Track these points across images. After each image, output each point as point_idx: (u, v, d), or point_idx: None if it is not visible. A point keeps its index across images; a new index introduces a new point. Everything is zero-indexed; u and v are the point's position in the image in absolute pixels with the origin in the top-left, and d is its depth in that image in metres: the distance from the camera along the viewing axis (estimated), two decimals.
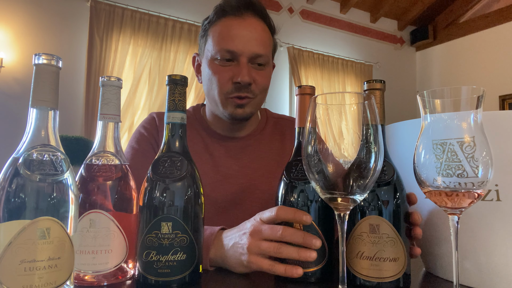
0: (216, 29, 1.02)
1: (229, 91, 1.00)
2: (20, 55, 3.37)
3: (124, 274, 0.63)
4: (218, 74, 1.01)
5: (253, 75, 1.01)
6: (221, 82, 1.00)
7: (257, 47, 1.00)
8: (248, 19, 1.01)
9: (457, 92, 0.52)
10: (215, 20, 1.04)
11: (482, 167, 0.49)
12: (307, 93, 0.68)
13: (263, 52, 1.01)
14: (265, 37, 1.03)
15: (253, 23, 1.02)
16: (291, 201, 0.66)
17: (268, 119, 1.21)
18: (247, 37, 0.99)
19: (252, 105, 1.04)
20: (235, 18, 1.01)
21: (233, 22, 1.01)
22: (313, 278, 0.63)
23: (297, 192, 0.66)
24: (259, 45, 1.00)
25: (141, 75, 3.78)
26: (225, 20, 1.02)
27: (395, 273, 0.58)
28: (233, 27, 1.00)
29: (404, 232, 0.60)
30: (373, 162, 0.49)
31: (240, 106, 1.02)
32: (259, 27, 1.02)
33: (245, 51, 0.99)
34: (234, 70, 0.99)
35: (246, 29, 1.00)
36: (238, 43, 0.98)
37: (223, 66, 1.00)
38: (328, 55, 5.04)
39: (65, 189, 0.51)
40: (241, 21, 1.01)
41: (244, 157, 1.11)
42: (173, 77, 0.64)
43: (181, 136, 0.65)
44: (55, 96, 0.53)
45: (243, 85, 0.99)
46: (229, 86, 1.00)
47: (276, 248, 0.63)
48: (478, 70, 5.29)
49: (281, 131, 1.19)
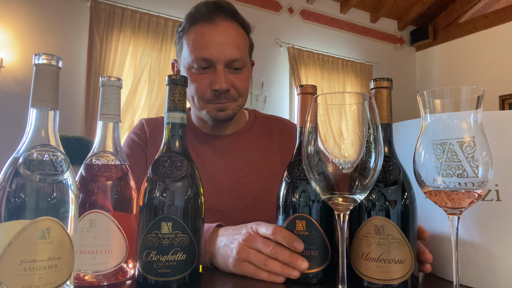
0: (190, 37, 1.02)
1: (209, 98, 1.01)
2: (20, 55, 3.37)
3: (124, 274, 0.63)
4: (197, 82, 1.01)
5: (231, 79, 1.01)
6: (200, 90, 1.01)
7: (232, 52, 0.99)
8: (220, 24, 1.01)
9: (457, 92, 0.52)
10: (188, 27, 1.03)
11: (482, 167, 0.49)
12: (309, 93, 0.68)
13: (238, 56, 1.00)
14: (240, 40, 1.03)
15: (225, 28, 1.01)
16: (292, 201, 0.65)
17: (257, 119, 1.21)
18: (220, 43, 0.99)
19: (233, 107, 1.05)
20: (207, 24, 1.00)
21: (205, 29, 1.00)
22: (315, 279, 0.63)
23: (299, 192, 0.65)
24: (234, 49, 1.00)
25: (141, 75, 3.78)
26: (197, 27, 1.01)
27: (401, 275, 0.57)
28: (206, 35, 0.99)
29: (411, 233, 0.59)
30: (373, 162, 0.49)
31: (222, 109, 1.03)
32: (232, 30, 1.02)
33: (220, 58, 0.98)
34: (211, 77, 1.00)
35: (219, 35, 0.99)
36: (213, 51, 0.98)
37: (201, 74, 1.01)
38: (328, 55, 5.04)
39: (65, 189, 0.51)
40: (213, 27, 1.00)
41: (230, 155, 1.12)
42: (173, 77, 0.64)
43: (181, 136, 0.65)
44: (55, 96, 0.53)
45: (221, 92, 0.99)
46: (208, 93, 1.01)
47: (263, 260, 0.65)
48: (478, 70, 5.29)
49: (269, 130, 1.19)
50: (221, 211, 1.05)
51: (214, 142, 1.13)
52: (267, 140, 1.17)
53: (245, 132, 1.17)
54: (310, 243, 0.63)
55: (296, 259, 0.63)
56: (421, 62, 6.08)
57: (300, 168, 0.66)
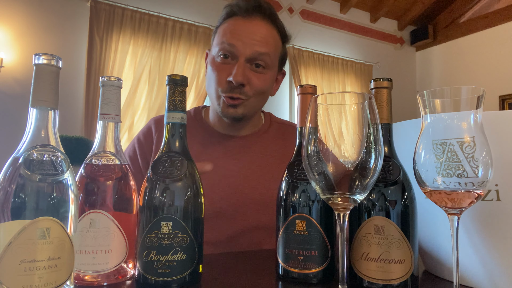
0: (223, 27, 1.04)
1: (223, 89, 1.01)
2: (20, 55, 3.37)
3: (124, 274, 0.63)
4: (216, 71, 1.02)
5: (248, 75, 1.00)
6: (218, 79, 1.01)
7: (258, 47, 0.99)
8: (254, 21, 1.02)
9: (457, 92, 0.52)
10: (224, 19, 1.06)
11: (482, 167, 0.49)
12: (309, 93, 0.68)
13: (264, 50, 1.00)
14: (270, 39, 1.03)
15: (259, 24, 1.02)
16: (292, 201, 0.65)
17: (272, 123, 1.21)
18: (249, 36, 1.00)
19: (245, 106, 1.03)
20: (242, 18, 1.03)
21: (239, 21, 1.02)
22: (315, 279, 0.63)
23: (299, 192, 0.65)
24: (260, 45, 1.00)
25: (141, 75, 3.78)
26: (232, 19, 1.04)
27: (401, 275, 0.57)
28: (238, 26, 1.02)
29: (411, 233, 0.59)
30: (373, 162, 0.49)
31: (232, 106, 1.02)
32: (263, 28, 1.03)
33: (245, 51, 0.99)
34: (231, 69, 1.00)
35: (250, 29, 1.01)
36: (239, 40, 0.99)
37: (222, 64, 1.01)
38: (328, 55, 5.04)
39: (65, 189, 0.51)
40: (247, 22, 1.02)
41: (242, 158, 1.10)
42: (173, 77, 0.64)
43: (181, 136, 0.65)
44: (55, 96, 0.53)
45: (235, 85, 0.99)
46: (224, 85, 1.00)
47: None
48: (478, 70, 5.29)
49: (283, 135, 1.19)
50: (230, 215, 1.03)
51: (228, 143, 1.12)
52: (281, 146, 1.16)
53: (260, 135, 1.16)
54: (310, 243, 0.63)
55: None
56: (421, 62, 6.08)
57: (300, 168, 0.66)
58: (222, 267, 0.74)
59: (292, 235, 0.64)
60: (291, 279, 0.64)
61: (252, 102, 1.04)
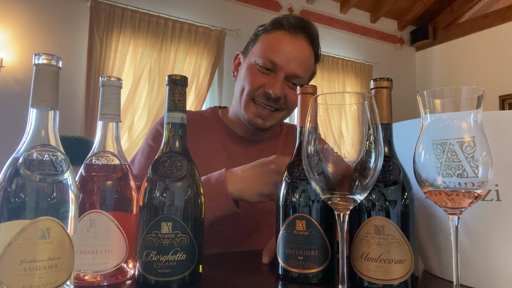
0: (268, 37, 1.06)
1: (257, 96, 1.04)
2: (20, 55, 3.37)
3: (124, 274, 0.63)
4: (254, 77, 1.04)
5: (285, 90, 1.04)
6: (254, 85, 1.04)
7: (297, 68, 1.03)
8: (299, 40, 1.05)
9: (457, 92, 0.52)
10: (270, 29, 1.08)
11: (482, 167, 0.49)
12: (309, 93, 0.68)
13: (302, 74, 1.04)
14: (308, 62, 1.07)
15: (302, 45, 1.05)
16: (293, 201, 0.65)
17: (282, 127, 1.26)
18: (292, 55, 1.03)
19: (274, 119, 1.07)
20: (288, 34, 1.05)
21: (285, 37, 1.04)
22: (315, 279, 0.63)
23: (299, 192, 0.65)
24: (301, 66, 1.04)
25: (141, 75, 3.78)
26: (278, 32, 1.06)
27: (401, 275, 0.57)
28: (284, 42, 1.04)
29: (411, 233, 0.59)
30: (373, 162, 0.49)
31: (261, 117, 1.05)
32: (306, 50, 1.06)
33: (285, 67, 1.02)
34: (270, 80, 1.03)
35: (295, 48, 1.04)
36: (283, 58, 1.02)
37: (261, 73, 1.04)
38: (328, 55, 5.04)
39: (65, 189, 0.51)
40: (292, 39, 1.04)
41: None
42: (173, 77, 0.64)
43: (181, 136, 0.65)
44: (55, 96, 0.53)
45: (273, 97, 1.02)
46: (259, 92, 1.04)
47: None
48: (478, 70, 5.29)
49: (292, 138, 1.24)
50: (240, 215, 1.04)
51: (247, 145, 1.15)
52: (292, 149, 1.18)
53: (274, 139, 1.21)
54: (310, 243, 0.63)
55: None
56: (421, 62, 6.08)
57: (300, 168, 0.66)
58: (222, 267, 0.74)
59: (292, 235, 0.64)
60: (291, 279, 0.64)
61: (281, 115, 1.09)
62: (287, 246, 0.64)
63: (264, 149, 1.16)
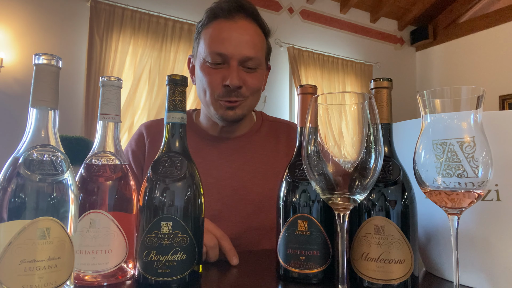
0: (208, 32, 1.02)
1: (220, 94, 1.01)
2: (20, 55, 3.37)
3: (124, 274, 0.63)
4: (209, 76, 1.01)
5: (243, 77, 1.00)
6: (212, 84, 1.00)
7: (247, 50, 0.99)
8: (239, 21, 1.01)
9: (457, 92, 0.52)
10: (207, 22, 1.04)
11: (482, 167, 0.49)
12: (309, 93, 0.68)
13: (253, 54, 1.00)
14: (257, 40, 1.03)
15: (244, 26, 1.01)
16: (294, 201, 0.65)
17: (264, 122, 1.21)
18: (237, 40, 0.99)
19: (243, 107, 1.04)
20: (226, 21, 1.01)
21: (224, 25, 1.01)
22: (316, 279, 0.63)
23: (301, 192, 0.65)
24: (250, 48, 1.00)
25: (141, 75, 3.78)
26: (216, 22, 1.02)
27: (401, 275, 0.57)
28: (224, 30, 1.00)
29: (411, 233, 0.59)
30: (373, 162, 0.49)
31: (231, 108, 1.02)
32: (250, 29, 1.02)
33: (235, 54, 0.98)
34: (224, 73, 0.99)
35: (237, 32, 1.00)
36: (228, 46, 0.98)
37: (214, 69, 1.00)
38: (328, 55, 5.04)
39: (65, 189, 0.51)
40: (232, 24, 1.00)
41: (237, 159, 1.10)
42: (173, 77, 0.64)
43: (181, 136, 0.65)
44: (55, 96, 0.53)
45: (232, 88, 0.99)
46: (219, 89, 1.00)
47: None
48: (478, 70, 5.29)
49: (276, 134, 1.19)
50: (226, 217, 1.04)
51: (221, 145, 1.12)
52: (274, 144, 1.16)
53: (252, 135, 1.16)
54: (312, 243, 0.63)
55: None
56: (421, 62, 6.08)
57: (302, 169, 0.66)
58: (222, 267, 0.74)
59: (294, 235, 0.64)
60: (292, 279, 0.64)
61: (249, 102, 1.05)
62: (288, 246, 0.64)
63: (240, 145, 1.12)
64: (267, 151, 1.14)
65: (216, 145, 1.11)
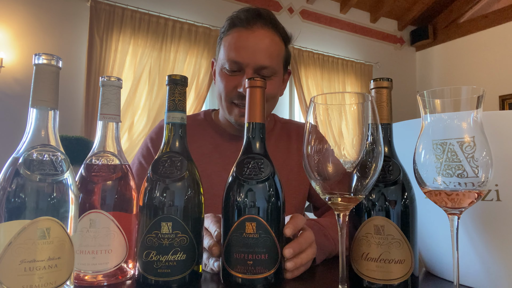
0: (227, 39, 1.06)
1: (233, 98, 1.05)
2: (20, 55, 3.37)
3: (124, 274, 0.63)
4: (225, 82, 1.05)
5: None
6: (227, 89, 1.05)
7: (262, 59, 1.02)
8: (256, 30, 1.04)
9: (457, 92, 0.52)
10: (227, 30, 1.08)
11: (482, 167, 0.49)
12: (258, 86, 0.65)
13: (268, 63, 1.03)
14: (272, 48, 1.05)
15: (260, 35, 1.04)
16: (242, 202, 0.61)
17: (276, 123, 1.26)
18: (253, 48, 1.02)
19: None
20: (244, 29, 1.04)
21: (241, 34, 1.04)
22: (264, 284, 0.59)
23: (249, 192, 0.62)
24: (265, 57, 1.03)
25: (141, 75, 3.78)
26: (235, 30, 1.06)
27: (401, 275, 0.57)
28: (241, 39, 1.03)
29: (411, 233, 0.59)
30: (373, 162, 0.49)
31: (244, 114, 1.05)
32: (267, 38, 1.05)
33: (250, 63, 1.02)
34: (240, 80, 1.03)
35: (253, 41, 1.03)
36: (244, 55, 1.02)
37: (230, 76, 1.05)
38: (328, 55, 5.04)
39: (65, 189, 0.51)
40: (249, 33, 1.04)
41: None
42: (173, 77, 0.65)
43: (181, 136, 0.65)
44: (55, 96, 0.53)
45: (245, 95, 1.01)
46: (233, 93, 1.04)
47: None
48: (478, 70, 5.29)
49: (287, 133, 1.24)
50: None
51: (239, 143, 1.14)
52: (286, 142, 1.21)
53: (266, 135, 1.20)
54: (260, 246, 0.60)
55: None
56: (421, 62, 6.08)
57: (251, 167, 0.63)
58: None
59: (242, 238, 0.60)
60: (236, 285, 0.60)
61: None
62: (235, 250, 0.60)
63: None
64: (280, 149, 1.18)
65: (234, 143, 1.15)
